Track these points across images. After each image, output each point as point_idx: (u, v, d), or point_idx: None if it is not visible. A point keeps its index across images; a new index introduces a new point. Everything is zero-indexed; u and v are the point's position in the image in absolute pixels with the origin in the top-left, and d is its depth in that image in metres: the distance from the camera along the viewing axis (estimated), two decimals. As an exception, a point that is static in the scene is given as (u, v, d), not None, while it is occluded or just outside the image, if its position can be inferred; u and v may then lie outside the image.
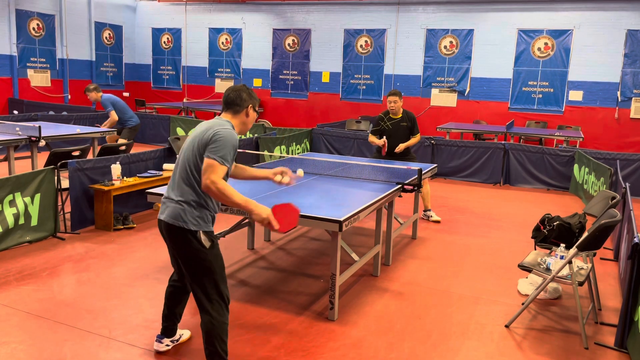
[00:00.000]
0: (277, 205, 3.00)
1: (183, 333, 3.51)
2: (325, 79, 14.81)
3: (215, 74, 16.08)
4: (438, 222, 6.74)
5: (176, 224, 2.87)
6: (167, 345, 3.36)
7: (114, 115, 8.11)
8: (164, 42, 16.66)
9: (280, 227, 2.94)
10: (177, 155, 3.08)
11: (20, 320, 3.69)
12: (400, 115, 6.43)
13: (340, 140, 10.40)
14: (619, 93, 12.06)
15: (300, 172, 3.76)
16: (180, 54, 16.45)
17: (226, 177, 2.90)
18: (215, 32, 15.94)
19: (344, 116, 14.07)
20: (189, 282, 2.97)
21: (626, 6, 11.79)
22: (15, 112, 11.79)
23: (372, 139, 6.50)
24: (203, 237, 2.89)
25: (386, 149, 6.43)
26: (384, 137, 6.47)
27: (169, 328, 3.35)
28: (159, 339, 3.35)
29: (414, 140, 6.47)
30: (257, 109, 3.16)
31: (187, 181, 2.90)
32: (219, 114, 3.13)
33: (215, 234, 2.97)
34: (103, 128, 8.22)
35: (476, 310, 4.20)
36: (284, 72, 15.24)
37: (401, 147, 6.40)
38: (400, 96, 6.35)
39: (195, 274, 2.92)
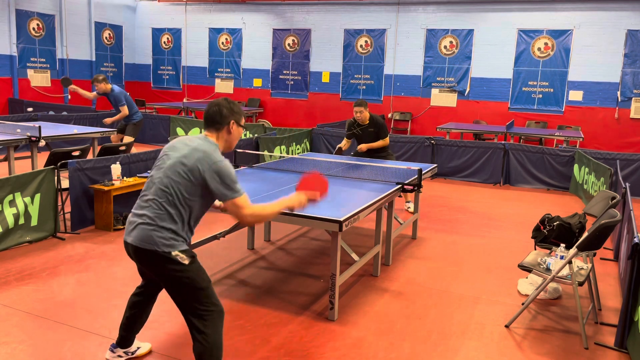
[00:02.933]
0: (300, 183, 2.97)
1: (141, 346, 3.29)
2: (325, 79, 14.81)
3: (215, 74, 16.08)
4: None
5: (147, 247, 2.65)
6: (120, 356, 3.17)
7: (125, 110, 8.15)
8: (164, 42, 16.66)
9: (320, 193, 2.92)
10: (155, 169, 2.81)
11: (20, 320, 3.69)
12: (368, 122, 6.86)
13: (340, 140, 10.38)
14: (619, 93, 12.06)
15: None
16: (180, 54, 16.45)
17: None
18: (215, 32, 15.94)
19: (344, 116, 14.07)
20: (178, 306, 2.77)
21: (626, 6, 11.79)
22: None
23: (344, 143, 7.14)
24: (180, 256, 2.67)
25: (345, 149, 7.10)
26: (349, 140, 7.11)
27: (125, 338, 3.14)
28: (112, 348, 3.17)
29: (378, 143, 6.85)
30: (242, 123, 2.91)
31: (167, 204, 2.67)
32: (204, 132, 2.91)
33: (192, 249, 2.79)
34: (111, 120, 8.23)
35: (476, 310, 4.20)
36: (284, 72, 15.24)
37: (362, 147, 6.91)
38: (366, 106, 6.86)
39: (181, 296, 2.73)
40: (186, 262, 2.67)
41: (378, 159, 6.75)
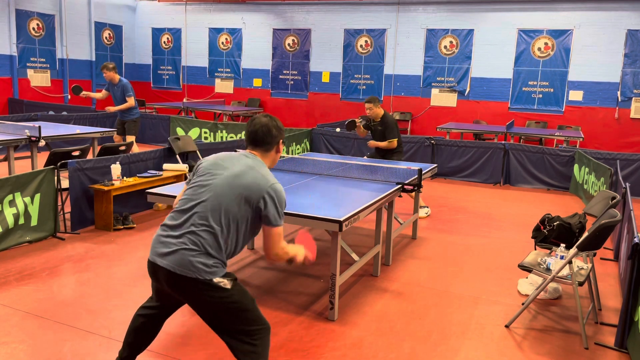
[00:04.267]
0: (301, 239, 2.92)
1: None
2: (325, 79, 14.81)
3: (215, 74, 16.08)
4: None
5: (186, 274, 2.43)
6: None
7: (132, 101, 8.29)
8: (164, 42, 16.66)
9: (312, 258, 2.89)
10: (192, 186, 2.61)
11: (20, 320, 3.69)
12: (379, 119, 6.81)
13: (340, 140, 10.40)
14: (619, 93, 12.06)
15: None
16: (180, 54, 16.45)
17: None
18: (215, 32, 15.94)
19: (344, 116, 14.07)
20: (223, 337, 2.57)
21: (626, 6, 11.79)
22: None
23: (360, 122, 7.09)
24: (222, 281, 2.49)
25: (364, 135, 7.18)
26: (365, 130, 7.07)
27: (127, 359, 2.84)
28: None
29: (383, 144, 6.80)
30: (284, 140, 2.92)
31: (212, 227, 2.48)
32: (248, 150, 2.78)
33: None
34: (114, 109, 8.31)
35: (476, 310, 4.20)
36: (284, 72, 15.24)
37: (371, 143, 6.95)
38: (376, 103, 6.73)
39: (227, 325, 2.53)
40: (229, 286, 2.50)
41: (386, 159, 6.72)
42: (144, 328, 2.80)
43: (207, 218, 2.49)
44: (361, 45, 14.28)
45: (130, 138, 8.23)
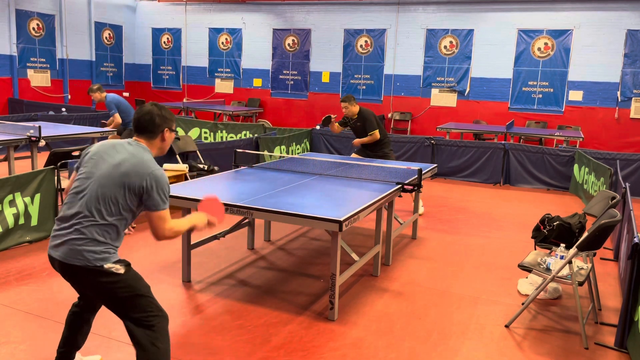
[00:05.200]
0: (200, 205, 2.95)
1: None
2: (325, 79, 14.80)
3: (215, 74, 16.08)
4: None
5: (75, 262, 2.52)
6: None
7: (117, 118, 8.06)
8: (164, 42, 16.66)
9: (218, 219, 2.92)
10: (79, 177, 2.66)
11: (20, 320, 3.69)
12: (356, 116, 6.89)
13: (340, 140, 10.40)
14: (619, 93, 12.06)
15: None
16: (180, 54, 16.45)
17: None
18: (215, 32, 15.94)
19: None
20: (122, 319, 2.65)
21: (626, 6, 11.79)
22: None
23: (336, 121, 7.16)
24: (113, 266, 2.55)
25: (334, 126, 7.13)
26: (340, 127, 7.17)
27: (65, 354, 2.94)
28: None
29: (367, 139, 6.83)
30: (173, 128, 2.85)
31: (101, 217, 2.55)
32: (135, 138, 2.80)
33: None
34: (107, 128, 8.21)
35: (476, 310, 4.20)
36: (284, 72, 15.24)
37: (355, 142, 7.02)
38: (351, 101, 6.82)
39: (122, 308, 2.62)
40: (122, 271, 2.56)
41: (376, 158, 6.77)
42: (75, 321, 2.94)
43: (92, 208, 2.55)
44: (361, 45, 14.28)
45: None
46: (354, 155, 7.13)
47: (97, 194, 2.56)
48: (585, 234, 3.76)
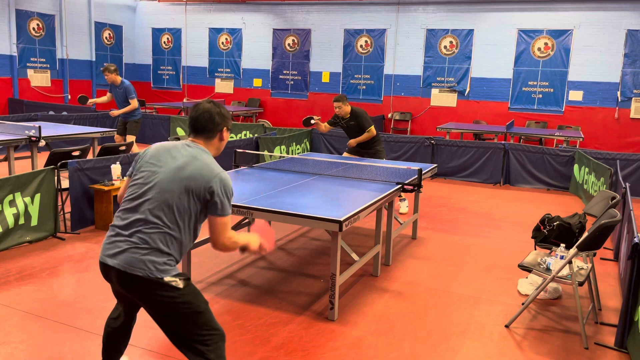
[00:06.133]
0: (256, 228, 2.81)
1: None
2: (325, 79, 14.81)
3: (215, 74, 16.08)
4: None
5: (136, 272, 2.35)
6: None
7: (135, 103, 8.30)
8: (164, 42, 16.66)
9: (268, 248, 2.77)
10: (135, 182, 2.51)
11: (20, 320, 3.69)
12: (349, 116, 6.94)
13: (340, 140, 10.40)
14: (619, 93, 12.06)
15: None
16: (180, 54, 16.45)
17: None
18: (215, 32, 15.94)
19: (344, 116, 14.06)
20: (172, 339, 2.48)
21: (626, 6, 11.79)
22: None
23: (322, 122, 7.22)
24: (174, 280, 2.38)
25: (318, 126, 7.16)
26: (327, 126, 7.21)
27: None
28: None
29: (364, 136, 6.88)
30: (230, 127, 2.71)
31: (162, 224, 2.40)
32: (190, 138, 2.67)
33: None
34: (118, 113, 8.32)
35: (476, 310, 4.20)
36: (284, 72, 15.24)
37: (351, 142, 7.02)
38: (344, 101, 6.88)
39: (177, 325, 2.43)
40: (181, 285, 2.39)
41: (369, 157, 6.82)
42: (113, 336, 2.81)
43: (155, 215, 2.39)
44: (361, 46, 14.28)
45: (131, 138, 8.24)
46: (345, 154, 7.17)
47: (159, 200, 2.40)
48: (585, 234, 3.76)
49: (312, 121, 7.04)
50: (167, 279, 2.37)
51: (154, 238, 2.38)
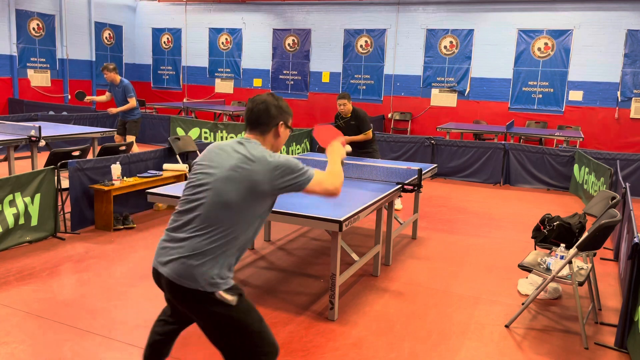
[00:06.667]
0: (321, 137, 2.92)
1: None
2: (325, 79, 14.81)
3: (215, 74, 16.08)
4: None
5: (186, 284, 2.21)
6: None
7: (133, 102, 8.35)
8: (164, 42, 16.66)
9: (342, 140, 2.88)
10: (189, 185, 2.39)
11: (20, 320, 3.69)
12: (350, 115, 7.02)
13: (340, 140, 10.38)
14: (619, 93, 12.06)
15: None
16: (180, 54, 16.45)
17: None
18: (215, 32, 15.94)
19: (344, 116, 14.06)
20: (223, 354, 2.33)
21: (626, 6, 11.79)
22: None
23: None
24: (225, 296, 2.22)
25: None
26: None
27: None
28: None
29: (359, 137, 6.96)
30: (290, 124, 2.55)
31: (216, 228, 2.24)
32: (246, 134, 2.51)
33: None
34: (116, 110, 8.35)
35: (476, 310, 4.20)
36: (284, 72, 15.24)
37: (346, 139, 7.09)
38: (349, 99, 7.03)
39: (227, 342, 2.29)
40: (234, 303, 2.24)
41: (363, 156, 6.87)
42: (160, 343, 2.67)
43: (209, 220, 2.24)
44: (361, 46, 14.28)
45: (131, 138, 8.25)
46: None
47: (214, 202, 2.25)
48: (585, 234, 3.76)
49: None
50: (217, 293, 2.22)
51: (207, 244, 2.23)
